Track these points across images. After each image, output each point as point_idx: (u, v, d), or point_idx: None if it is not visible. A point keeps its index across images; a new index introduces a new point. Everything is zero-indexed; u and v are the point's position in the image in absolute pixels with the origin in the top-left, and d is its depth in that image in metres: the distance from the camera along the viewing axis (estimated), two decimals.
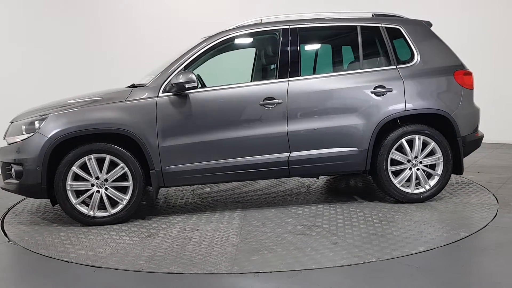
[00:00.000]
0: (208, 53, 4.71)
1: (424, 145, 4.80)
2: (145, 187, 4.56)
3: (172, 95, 4.49)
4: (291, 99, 4.60)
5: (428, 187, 4.84)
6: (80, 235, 4.21)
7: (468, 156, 5.09)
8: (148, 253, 3.72)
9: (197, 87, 4.47)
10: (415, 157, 4.80)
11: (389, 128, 4.80)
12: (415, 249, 3.62)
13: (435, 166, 4.85)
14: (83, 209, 4.43)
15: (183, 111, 4.49)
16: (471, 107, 4.99)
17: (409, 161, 4.80)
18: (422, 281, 3.11)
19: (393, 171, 4.80)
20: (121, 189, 4.47)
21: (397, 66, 4.84)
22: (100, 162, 4.40)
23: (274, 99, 4.57)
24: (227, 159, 4.55)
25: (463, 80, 4.91)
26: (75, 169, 4.36)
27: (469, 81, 4.94)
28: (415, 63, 4.87)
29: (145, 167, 4.49)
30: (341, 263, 3.42)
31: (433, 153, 4.82)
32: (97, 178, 4.40)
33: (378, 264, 3.39)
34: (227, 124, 4.54)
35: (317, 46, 5.38)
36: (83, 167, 4.39)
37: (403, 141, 4.77)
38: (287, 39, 4.74)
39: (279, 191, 5.59)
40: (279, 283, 3.15)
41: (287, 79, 4.65)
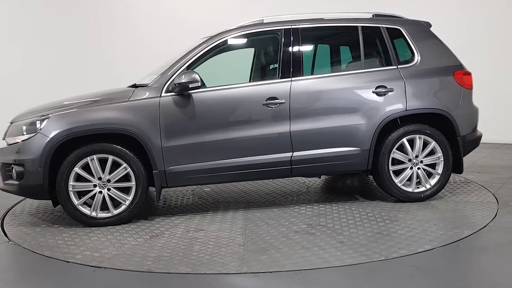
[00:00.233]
0: (210, 53, 4.69)
1: (424, 144, 4.84)
2: (148, 187, 4.53)
3: (175, 95, 4.47)
4: (293, 99, 4.61)
5: (428, 186, 4.89)
6: (83, 236, 4.18)
7: (468, 156, 5.14)
8: (154, 254, 3.70)
9: (201, 87, 4.46)
10: (416, 157, 4.84)
11: (389, 128, 4.83)
12: (421, 247, 3.65)
13: (435, 165, 4.89)
14: (85, 210, 4.39)
15: (186, 111, 4.48)
16: (470, 107, 5.05)
17: (410, 160, 4.84)
18: (422, 281, 3.12)
19: (394, 171, 4.83)
20: (123, 190, 4.45)
21: (398, 66, 4.88)
22: (102, 162, 4.37)
23: (277, 99, 4.58)
24: (230, 159, 4.55)
25: (463, 80, 4.96)
26: (77, 170, 4.32)
27: (468, 81, 4.99)
28: (416, 63, 4.91)
29: (147, 168, 4.47)
30: (349, 262, 3.44)
31: (434, 152, 4.87)
32: (100, 178, 4.37)
33: (378, 264, 3.39)
34: (230, 124, 4.54)
35: (319, 46, 5.39)
36: (85, 168, 4.35)
37: (404, 140, 4.80)
38: (290, 39, 4.75)
39: (279, 191, 5.60)
40: (279, 283, 3.15)
41: (290, 79, 4.66)
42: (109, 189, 4.39)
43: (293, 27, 4.80)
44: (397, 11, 5.36)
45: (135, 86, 4.79)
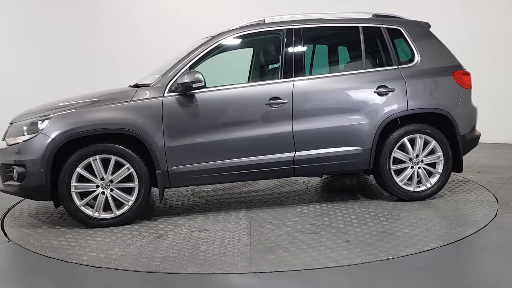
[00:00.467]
0: (212, 53, 4.68)
1: (424, 144, 4.88)
2: (150, 187, 4.50)
3: (178, 95, 4.45)
4: (296, 99, 4.62)
5: (429, 185, 4.93)
6: (86, 237, 4.14)
7: (468, 156, 5.18)
8: (161, 254, 3.68)
9: (204, 87, 4.44)
10: (417, 156, 4.88)
11: (390, 127, 4.87)
12: (427, 246, 3.68)
13: (435, 164, 4.94)
14: (88, 211, 4.35)
15: (189, 111, 4.47)
16: (470, 107, 5.10)
17: (410, 159, 4.88)
18: (422, 281, 3.13)
19: (395, 170, 4.86)
20: (126, 190, 4.42)
21: (398, 66, 4.91)
22: (104, 163, 4.34)
23: (279, 99, 4.58)
24: (233, 159, 4.54)
25: (462, 80, 5.02)
26: (79, 170, 4.28)
27: (467, 81, 5.05)
28: (416, 63, 4.95)
29: (150, 168, 4.45)
30: (357, 260, 3.45)
31: (434, 151, 4.91)
32: (102, 179, 4.34)
33: (378, 264, 3.40)
34: (233, 123, 4.53)
35: (321, 46, 5.41)
36: (88, 168, 4.32)
37: (405, 140, 4.84)
38: (292, 39, 4.76)
39: (280, 190, 5.60)
40: (279, 283, 3.15)
41: (292, 79, 4.66)
42: (111, 190, 4.36)
43: (295, 27, 4.81)
44: (398, 12, 5.40)
45: (136, 86, 4.76)
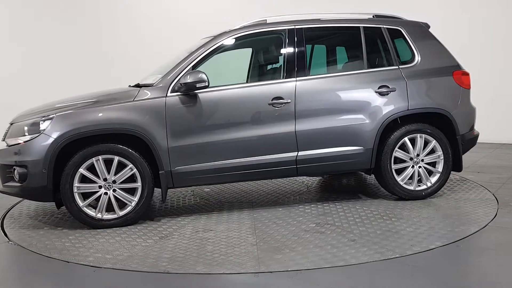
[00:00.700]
0: (215, 53, 4.67)
1: (425, 143, 4.92)
2: (153, 188, 4.48)
3: (181, 94, 4.44)
4: (299, 98, 4.63)
5: (429, 184, 4.97)
6: (90, 238, 4.11)
7: (468, 156, 5.22)
8: (168, 255, 3.67)
9: (208, 87, 4.43)
10: (417, 155, 4.92)
11: (390, 127, 4.90)
12: (433, 244, 3.71)
13: (435, 163, 4.98)
14: (90, 211, 4.32)
15: (192, 110, 4.45)
16: (469, 106, 5.15)
17: (411, 159, 4.91)
18: (422, 281, 3.13)
19: (395, 169, 4.89)
20: (129, 191, 4.39)
21: (399, 66, 4.95)
22: (107, 163, 4.31)
23: (282, 99, 4.59)
24: (237, 159, 4.54)
25: (461, 80, 5.07)
26: (82, 171, 4.25)
27: (466, 81, 5.10)
28: (416, 63, 4.99)
29: (153, 168, 4.42)
30: (364, 259, 3.47)
31: (434, 151, 4.95)
32: (105, 179, 4.31)
33: (378, 264, 3.40)
34: (236, 123, 4.53)
35: (323, 46, 5.42)
36: (90, 169, 4.29)
37: (406, 139, 4.87)
38: (294, 39, 4.77)
39: (280, 190, 5.61)
40: (279, 283, 3.15)
41: (295, 79, 4.67)
42: (114, 190, 4.33)
43: (297, 27, 4.82)
44: (398, 12, 5.44)
45: (138, 86, 4.74)
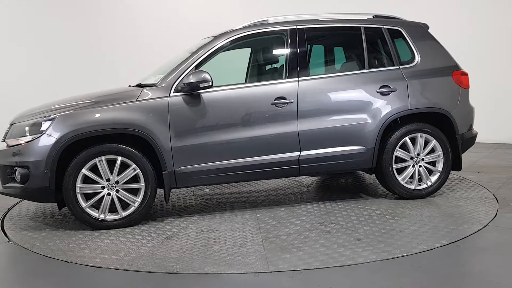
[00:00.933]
0: (217, 53, 4.66)
1: (425, 142, 4.96)
2: (156, 188, 4.46)
3: (184, 94, 4.42)
4: (301, 98, 4.64)
5: (430, 183, 5.01)
6: (94, 239, 4.08)
7: (468, 156, 5.27)
8: (175, 255, 3.65)
9: (211, 86, 4.42)
10: (418, 155, 4.96)
11: (390, 127, 4.93)
12: (438, 243, 3.74)
13: (435, 162, 5.02)
14: (93, 212, 4.29)
15: (195, 110, 4.44)
16: (467, 106, 5.21)
17: (412, 158, 4.95)
18: (422, 281, 3.14)
19: (396, 169, 4.93)
20: (132, 191, 4.37)
21: (399, 66, 4.98)
22: (109, 164, 4.27)
23: (285, 99, 4.60)
24: (240, 158, 4.53)
25: (460, 80, 5.12)
26: (85, 171, 4.21)
27: (465, 81, 5.15)
28: (416, 63, 5.03)
29: (156, 168, 4.40)
30: (372, 258, 3.49)
31: (434, 150, 5.00)
32: (108, 180, 4.28)
33: (378, 264, 3.41)
34: (239, 123, 4.52)
35: (324, 46, 5.44)
36: (93, 169, 4.25)
37: (407, 139, 4.91)
38: (296, 39, 4.78)
39: (281, 190, 5.61)
40: (279, 283, 3.16)
41: (297, 79, 4.68)
42: (117, 191, 4.30)
43: (298, 27, 4.83)
44: (398, 12, 5.47)
45: (140, 85, 4.71)
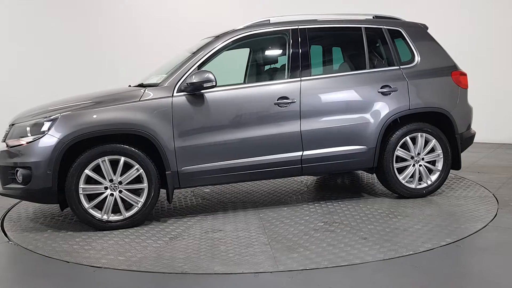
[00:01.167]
0: (220, 53, 4.65)
1: (425, 142, 5.01)
2: (160, 188, 4.44)
3: (187, 94, 4.41)
4: (303, 98, 4.65)
5: (430, 182, 5.05)
6: (98, 240, 4.05)
7: (468, 156, 5.32)
8: (182, 255, 3.64)
9: (215, 86, 4.41)
10: (418, 154, 5.00)
11: (391, 126, 4.96)
12: (443, 241, 3.77)
13: (435, 162, 5.07)
14: (96, 213, 4.25)
15: (199, 110, 4.43)
16: (466, 106, 5.27)
17: (412, 157, 4.99)
18: (422, 281, 3.15)
19: (396, 168, 4.96)
20: (135, 191, 4.34)
21: (400, 66, 5.02)
22: (112, 164, 4.24)
23: (288, 99, 4.61)
24: (243, 158, 4.53)
25: (459, 80, 5.17)
26: (88, 172, 4.18)
27: (464, 81, 5.21)
28: (416, 63, 5.07)
29: (159, 168, 4.38)
30: (380, 257, 3.51)
31: (434, 149, 5.04)
32: (111, 180, 4.25)
33: (378, 264, 3.42)
34: (242, 123, 4.52)
35: (325, 46, 5.46)
36: (95, 170, 4.22)
37: (408, 138, 4.95)
38: (298, 39, 4.79)
39: (281, 190, 5.62)
40: (279, 283, 3.16)
41: (299, 79, 4.70)
42: (120, 191, 4.27)
43: (300, 27, 4.84)
44: (398, 12, 5.51)
45: (142, 85, 4.69)
